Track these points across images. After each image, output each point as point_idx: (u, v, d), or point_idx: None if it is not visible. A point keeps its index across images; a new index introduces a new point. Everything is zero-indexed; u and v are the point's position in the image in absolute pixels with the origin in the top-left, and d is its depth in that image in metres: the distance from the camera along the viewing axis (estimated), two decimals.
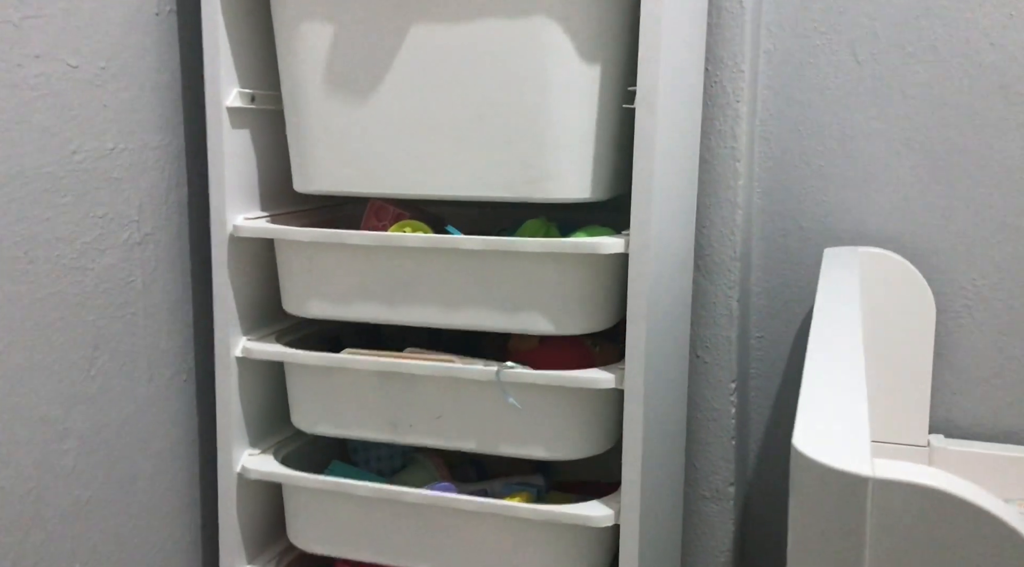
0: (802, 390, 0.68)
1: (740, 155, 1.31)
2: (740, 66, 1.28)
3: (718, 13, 1.27)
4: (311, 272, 1.12)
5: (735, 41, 1.28)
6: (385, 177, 1.08)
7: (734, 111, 1.30)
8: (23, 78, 0.91)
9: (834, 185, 1.40)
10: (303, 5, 1.06)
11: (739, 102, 1.29)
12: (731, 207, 1.31)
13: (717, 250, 1.32)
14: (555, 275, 1.02)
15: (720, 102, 1.30)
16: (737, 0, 1.27)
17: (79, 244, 1.00)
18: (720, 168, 1.31)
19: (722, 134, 1.30)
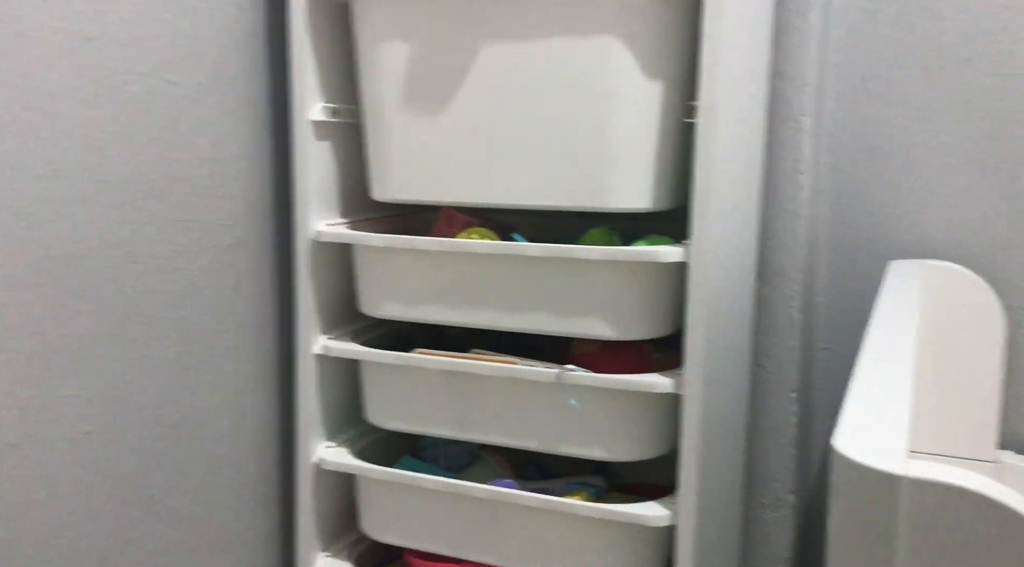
0: (848, 394, 0.71)
1: (804, 168, 1.33)
2: (805, 80, 1.31)
3: (783, 28, 1.30)
4: (385, 275, 1.19)
5: (800, 55, 1.30)
6: (456, 187, 1.14)
7: (797, 124, 1.32)
8: (130, 94, 1.00)
9: (901, 197, 1.40)
10: (383, 25, 1.13)
11: (803, 115, 1.32)
12: (794, 218, 1.33)
13: (780, 260, 1.34)
14: (616, 282, 1.06)
15: (784, 115, 1.32)
16: (802, 15, 1.29)
17: (178, 245, 1.09)
18: (783, 180, 1.33)
19: (785, 146, 1.33)
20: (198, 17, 1.09)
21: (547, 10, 1.04)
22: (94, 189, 0.97)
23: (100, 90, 0.97)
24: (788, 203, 1.33)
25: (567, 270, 1.08)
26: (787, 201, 1.33)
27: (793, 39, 1.30)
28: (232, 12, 1.14)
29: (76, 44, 0.93)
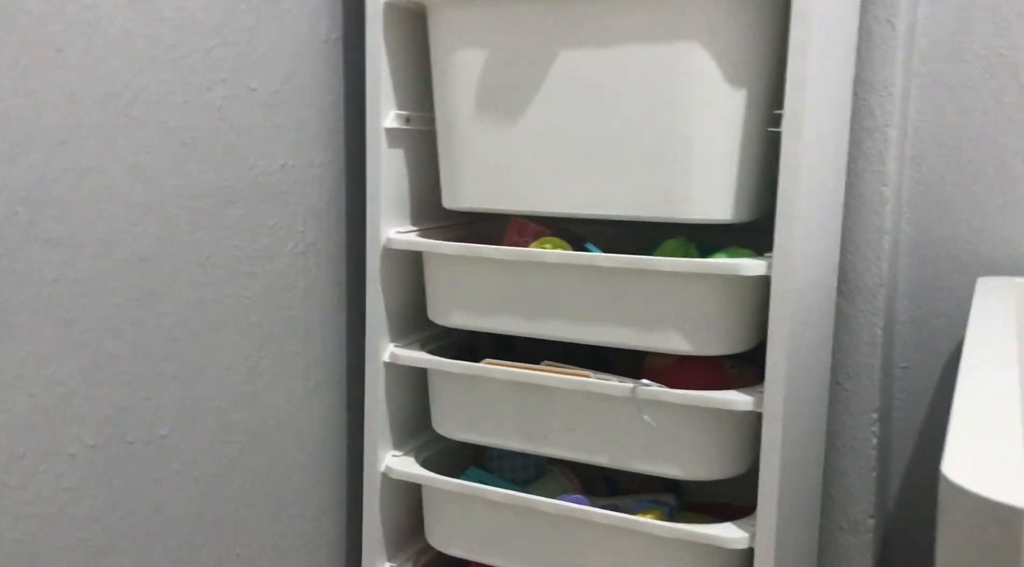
0: (952, 417, 0.67)
1: (888, 180, 1.28)
2: (890, 90, 1.26)
3: (868, 37, 1.26)
4: (455, 284, 1.18)
5: (886, 65, 1.26)
6: (529, 196, 1.13)
7: (883, 135, 1.27)
8: (211, 100, 1.01)
9: (989, 212, 1.35)
10: (459, 32, 1.12)
11: (888, 126, 1.27)
12: (877, 232, 1.29)
13: (862, 275, 1.30)
14: (694, 295, 1.03)
15: (868, 126, 1.28)
16: (889, 24, 1.25)
17: (251, 251, 1.09)
18: (867, 193, 1.29)
19: (870, 158, 1.28)
20: (276, 23, 1.09)
21: (627, 17, 1.02)
22: (175, 194, 0.98)
23: (184, 97, 0.97)
24: (872, 216, 1.28)
25: (644, 282, 1.05)
26: (871, 214, 1.29)
27: (878, 46, 1.26)
28: (308, 19, 1.15)
29: (163, 51, 0.94)
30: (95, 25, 0.87)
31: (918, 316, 1.39)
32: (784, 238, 0.98)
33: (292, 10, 1.12)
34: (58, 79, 0.84)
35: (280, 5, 1.10)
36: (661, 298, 1.05)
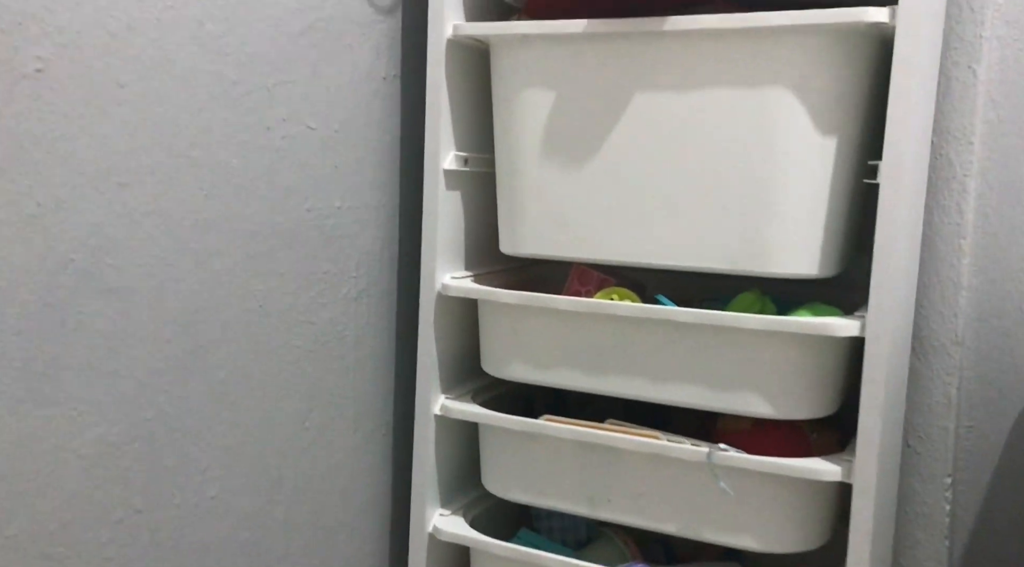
0: None
1: (966, 232, 1.22)
2: (970, 138, 1.21)
3: (947, 83, 1.21)
4: (515, 334, 1.11)
5: (965, 112, 1.20)
6: (596, 243, 1.07)
7: (960, 185, 1.22)
8: (271, 140, 0.96)
9: None
10: (526, 72, 1.07)
11: (967, 176, 1.21)
12: (954, 287, 1.22)
13: (936, 332, 1.24)
14: (779, 355, 0.97)
15: (946, 176, 1.22)
16: (970, 70, 1.20)
17: (306, 298, 1.03)
18: (943, 246, 1.23)
19: (947, 210, 1.22)
20: (337, 60, 1.04)
21: (712, 60, 0.97)
22: (233, 239, 0.92)
23: (245, 136, 0.92)
24: (948, 270, 1.22)
25: (722, 339, 0.99)
26: (947, 268, 1.23)
27: (958, 93, 1.20)
28: (368, 56, 1.10)
29: (226, 88, 0.89)
30: (160, 60, 0.82)
31: (983, 373, 1.32)
32: (881, 297, 0.92)
33: (353, 46, 1.07)
34: (120, 117, 0.79)
35: (341, 41, 1.05)
36: (742, 357, 0.98)
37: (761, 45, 0.95)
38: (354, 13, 1.06)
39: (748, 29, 0.94)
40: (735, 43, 0.96)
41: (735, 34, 0.95)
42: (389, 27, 1.13)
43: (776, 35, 0.94)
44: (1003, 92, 1.29)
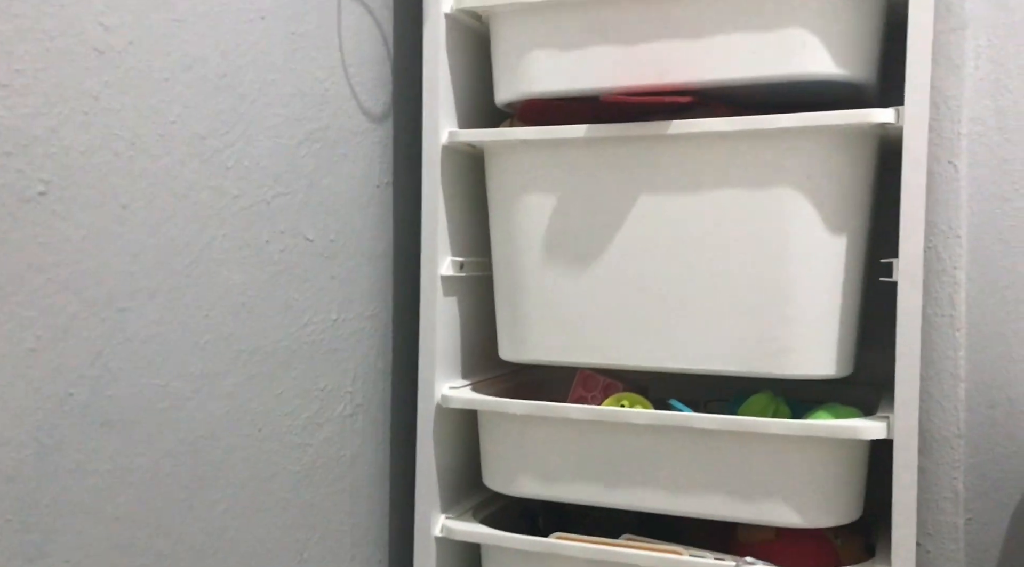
0: None
1: (960, 324, 1.23)
2: (957, 232, 1.23)
3: (932, 178, 1.23)
4: (521, 447, 1.06)
5: (950, 206, 1.23)
6: (604, 348, 1.04)
7: (951, 278, 1.23)
8: (270, 254, 0.91)
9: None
10: (523, 176, 1.05)
11: (956, 269, 1.23)
12: (952, 380, 1.22)
13: (939, 426, 1.22)
14: (804, 460, 0.94)
15: (936, 269, 1.23)
16: (951, 165, 1.23)
17: (303, 419, 0.97)
18: (938, 339, 1.23)
19: (939, 302, 1.23)
20: (333, 169, 1.01)
21: (716, 161, 0.97)
22: (233, 361, 0.86)
23: (245, 252, 0.87)
24: (946, 362, 1.22)
25: (744, 445, 0.96)
26: (944, 360, 1.22)
27: (942, 188, 1.23)
28: (363, 163, 1.07)
29: (226, 202, 0.85)
30: (163, 178, 0.77)
31: (978, 464, 1.31)
32: (906, 397, 0.90)
33: (348, 155, 1.04)
34: (122, 239, 0.74)
35: (336, 150, 1.02)
36: (766, 463, 0.95)
37: (768, 146, 0.95)
38: (348, 122, 1.04)
39: (755, 131, 0.94)
40: (741, 145, 0.96)
41: (742, 136, 0.95)
42: (381, 135, 1.11)
43: (783, 136, 0.94)
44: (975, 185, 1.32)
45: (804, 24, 0.92)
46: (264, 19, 0.89)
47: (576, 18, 1.01)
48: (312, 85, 0.97)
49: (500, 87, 1.08)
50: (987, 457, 1.32)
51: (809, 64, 0.93)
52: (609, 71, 1.00)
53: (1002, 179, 1.30)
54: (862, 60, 0.95)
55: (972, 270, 1.30)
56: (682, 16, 0.96)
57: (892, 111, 0.91)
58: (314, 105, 0.97)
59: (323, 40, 0.98)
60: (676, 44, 0.97)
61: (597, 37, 1.00)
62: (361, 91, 1.06)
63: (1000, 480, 1.31)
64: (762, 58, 0.94)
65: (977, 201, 1.31)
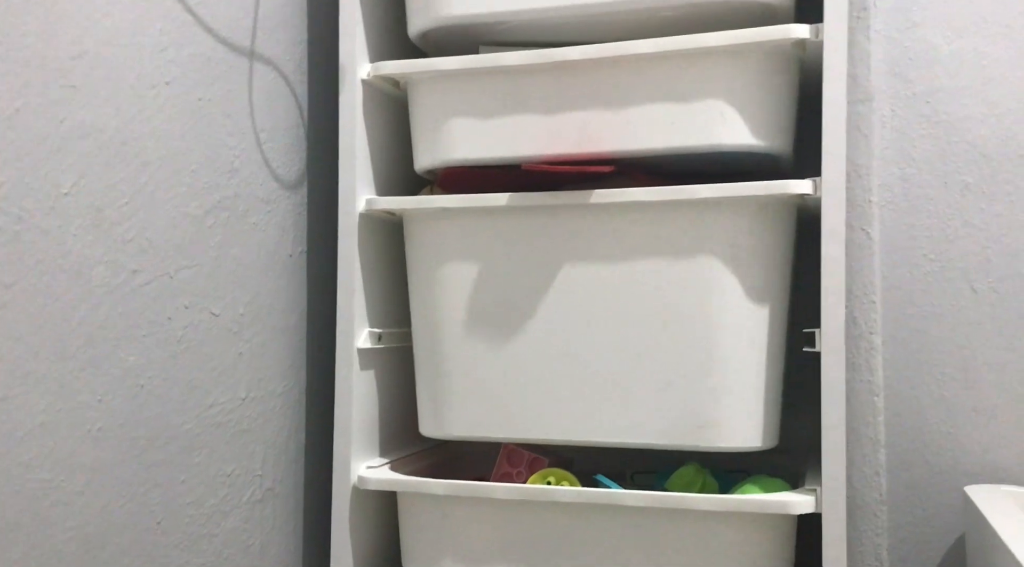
0: None
1: (878, 389, 1.24)
2: (872, 297, 1.25)
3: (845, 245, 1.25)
4: (443, 528, 1.01)
5: (865, 272, 1.25)
6: (530, 423, 1.00)
7: (868, 343, 1.24)
8: (172, 331, 0.85)
9: (960, 417, 1.32)
10: (444, 245, 1.02)
11: (873, 334, 1.24)
12: (873, 445, 1.23)
13: (861, 493, 1.22)
14: (733, 535, 0.92)
15: (853, 334, 1.25)
16: (864, 232, 1.25)
17: (207, 507, 0.90)
18: (857, 404, 1.24)
19: (857, 368, 1.24)
20: (243, 239, 0.96)
21: (639, 231, 0.96)
22: (129, 450, 0.79)
23: (144, 331, 0.81)
24: (866, 429, 1.23)
25: (673, 521, 0.93)
26: (864, 426, 1.23)
27: (856, 255, 1.25)
28: (275, 232, 1.03)
29: (124, 278, 0.79)
30: (53, 254, 0.71)
31: (902, 527, 1.31)
32: (832, 469, 0.89)
33: (259, 224, 0.99)
34: (4, 322, 0.67)
35: (246, 219, 0.97)
36: (694, 539, 0.92)
37: (690, 216, 0.94)
38: (259, 190, 0.99)
39: (677, 201, 0.94)
40: (663, 215, 0.95)
41: (663, 206, 0.95)
42: (295, 202, 1.06)
43: (704, 206, 0.94)
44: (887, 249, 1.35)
45: (722, 96, 0.93)
46: (168, 85, 0.84)
47: (496, 86, 0.99)
48: (220, 152, 0.92)
49: (420, 154, 1.05)
50: (908, 520, 1.32)
51: (727, 135, 0.93)
52: (530, 139, 0.99)
53: (911, 244, 1.34)
54: (778, 131, 0.96)
55: (887, 335, 1.32)
56: (603, 86, 0.96)
57: (810, 182, 0.92)
58: (223, 173, 0.92)
59: (233, 106, 0.94)
60: (597, 114, 0.97)
61: (518, 105, 0.99)
62: (273, 158, 1.02)
63: (921, 544, 1.32)
64: (682, 129, 0.94)
65: (888, 267, 1.34)
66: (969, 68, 1.23)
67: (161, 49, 0.84)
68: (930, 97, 1.26)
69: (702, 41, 0.92)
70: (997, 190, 1.26)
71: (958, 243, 1.33)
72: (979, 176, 1.27)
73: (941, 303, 1.33)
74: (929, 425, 1.31)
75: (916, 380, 1.33)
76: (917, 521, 1.32)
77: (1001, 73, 1.22)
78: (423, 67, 1.01)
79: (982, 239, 1.31)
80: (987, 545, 0.96)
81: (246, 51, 0.97)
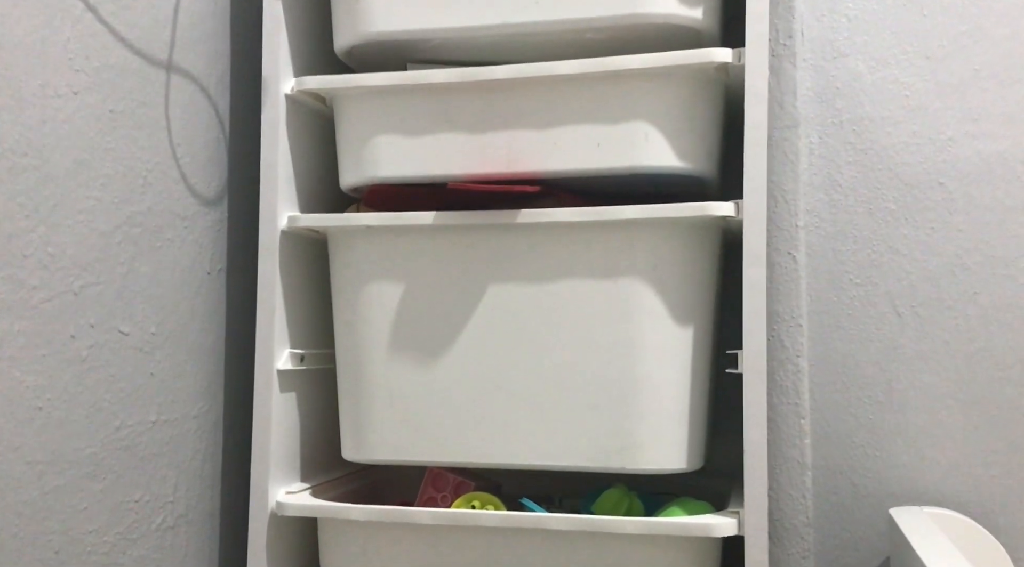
0: None
1: (804, 411, 1.25)
2: (798, 320, 1.26)
3: (772, 269, 1.26)
4: (364, 556, 0.98)
5: (791, 295, 1.26)
6: (454, 445, 0.98)
7: (795, 366, 1.25)
8: (76, 351, 0.82)
9: (885, 440, 1.33)
10: (369, 265, 1.00)
11: (799, 357, 1.26)
12: (800, 468, 1.23)
13: (788, 515, 1.23)
14: (657, 559, 0.91)
15: (780, 357, 1.25)
16: (791, 256, 1.26)
17: (112, 535, 0.86)
18: (784, 427, 1.24)
19: (785, 390, 1.25)
20: (156, 256, 0.93)
21: (564, 251, 0.95)
22: (23, 474, 0.75)
23: (44, 350, 0.78)
24: (792, 451, 1.24)
25: (598, 545, 0.92)
26: (790, 448, 1.24)
27: (783, 279, 1.26)
28: (192, 249, 0.99)
29: (23, 295, 0.75)
30: None
31: (829, 550, 1.32)
32: (755, 492, 0.89)
33: (174, 240, 0.96)
34: None
35: (160, 235, 0.94)
36: (621, 563, 0.91)
37: (614, 237, 0.94)
38: (175, 205, 0.96)
39: (601, 222, 0.93)
40: (588, 235, 0.95)
41: (588, 227, 0.94)
42: (215, 219, 1.03)
43: (628, 228, 0.94)
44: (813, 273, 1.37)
45: (646, 118, 0.93)
46: (77, 95, 0.81)
47: (423, 104, 0.98)
48: (133, 166, 0.89)
49: (345, 171, 1.03)
50: (835, 543, 1.33)
51: (651, 157, 0.93)
52: (457, 158, 0.98)
53: (837, 268, 1.35)
54: (703, 154, 0.97)
55: (813, 357, 1.33)
56: (529, 106, 0.96)
57: (732, 205, 0.92)
58: (135, 188, 0.89)
59: (147, 118, 0.91)
60: (523, 133, 0.96)
61: (444, 124, 0.98)
62: (191, 173, 0.99)
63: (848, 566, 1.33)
64: (607, 150, 0.94)
65: (815, 289, 1.36)
66: (892, 98, 1.26)
67: (69, 58, 0.81)
68: (856, 125, 1.28)
69: (625, 63, 0.92)
70: (919, 217, 1.29)
71: (883, 268, 1.35)
72: (902, 203, 1.29)
73: (867, 327, 1.34)
74: (855, 447, 1.32)
75: (842, 403, 1.34)
76: (843, 544, 1.32)
77: (921, 103, 1.25)
78: (349, 83, 1.00)
79: (905, 264, 1.34)
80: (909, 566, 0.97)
81: (163, 63, 0.94)
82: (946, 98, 1.25)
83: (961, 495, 1.29)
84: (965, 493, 1.28)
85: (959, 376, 1.30)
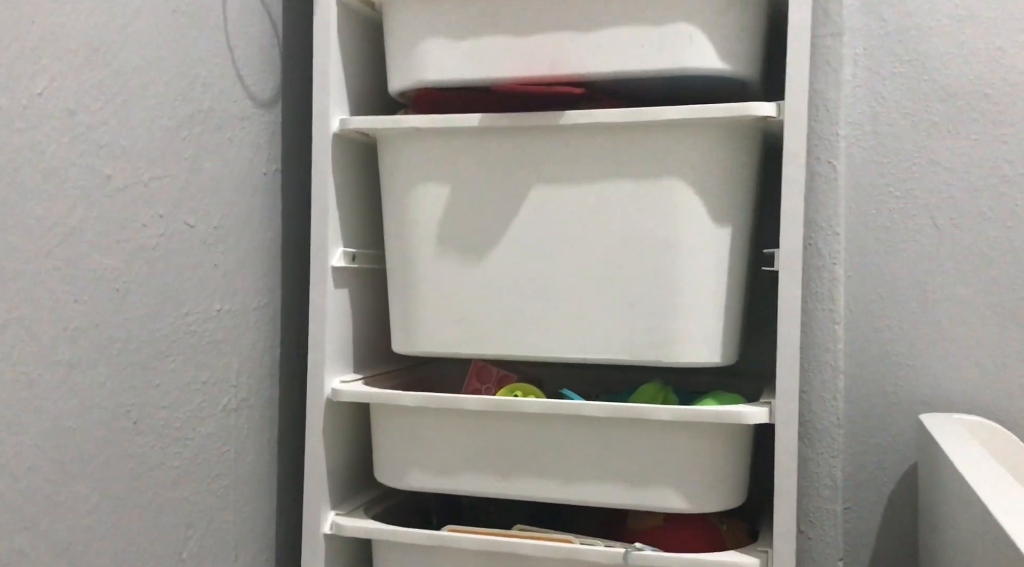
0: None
1: (839, 318, 1.28)
2: (836, 229, 1.28)
3: (811, 177, 1.28)
4: (414, 440, 1.05)
5: (829, 204, 1.28)
6: (497, 339, 1.03)
7: (831, 273, 1.28)
8: (148, 238, 0.87)
9: (918, 349, 1.36)
10: (417, 166, 1.04)
11: (835, 264, 1.28)
12: (832, 371, 1.27)
13: (818, 416, 1.27)
14: (691, 446, 0.96)
15: (816, 264, 1.28)
16: (831, 165, 1.28)
17: (183, 412, 0.93)
18: (819, 331, 1.28)
19: (819, 297, 1.28)
20: (218, 154, 0.98)
21: (606, 153, 0.98)
22: (105, 349, 0.82)
23: (119, 236, 0.83)
24: (825, 355, 1.27)
25: (632, 433, 0.97)
26: (824, 353, 1.27)
27: (821, 187, 1.28)
28: (250, 149, 1.04)
29: (99, 183, 0.80)
30: (27, 153, 0.73)
31: (856, 454, 1.36)
32: (787, 384, 0.93)
33: (234, 139, 1.01)
34: None
35: (221, 133, 0.98)
36: (653, 451, 0.96)
37: (655, 138, 0.96)
38: (233, 106, 1.00)
39: (643, 123, 0.96)
40: (630, 136, 0.97)
41: (630, 128, 0.97)
42: (269, 121, 1.07)
43: (669, 128, 0.96)
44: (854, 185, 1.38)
45: (691, 19, 0.95)
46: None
47: (470, 7, 1.00)
48: (194, 65, 0.93)
49: (393, 75, 1.06)
50: (864, 447, 1.37)
51: (695, 58, 0.95)
52: (502, 61, 1.00)
53: (877, 181, 1.36)
54: (746, 57, 0.98)
55: (850, 266, 1.36)
56: (574, 8, 0.97)
57: (773, 105, 0.94)
58: (196, 86, 0.94)
59: (207, 20, 0.95)
60: (568, 35, 0.98)
61: (490, 27, 1.00)
62: (248, 75, 1.02)
63: (876, 470, 1.37)
64: (650, 51, 0.96)
65: (854, 200, 1.37)
66: (940, 6, 1.25)
67: None
68: (902, 35, 1.27)
69: None
70: (963, 129, 1.29)
71: (923, 180, 1.36)
72: (945, 114, 1.29)
73: (904, 238, 1.36)
74: (888, 355, 1.35)
75: (877, 312, 1.37)
76: (873, 448, 1.37)
77: (971, 12, 1.24)
78: None
79: (946, 176, 1.34)
80: (938, 469, 1.00)
81: None
82: (998, 7, 1.23)
83: (992, 404, 1.31)
84: (996, 401, 1.31)
85: (996, 287, 1.31)
